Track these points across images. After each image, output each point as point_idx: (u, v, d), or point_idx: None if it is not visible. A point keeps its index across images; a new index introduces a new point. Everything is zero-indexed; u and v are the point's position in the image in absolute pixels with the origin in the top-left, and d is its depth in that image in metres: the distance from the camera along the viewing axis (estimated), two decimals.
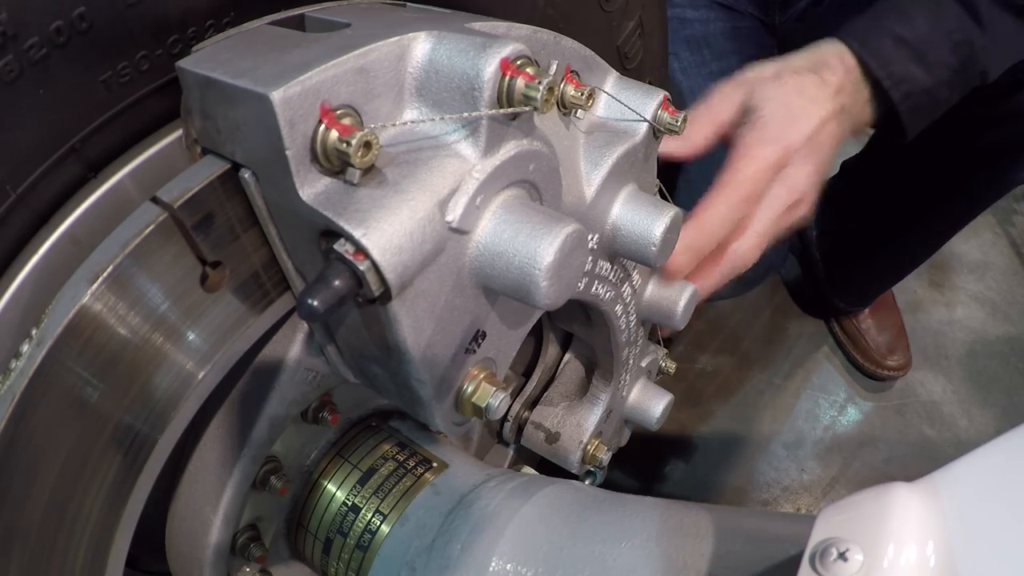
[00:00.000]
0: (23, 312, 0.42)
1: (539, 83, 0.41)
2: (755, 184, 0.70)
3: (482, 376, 0.50)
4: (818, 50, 0.79)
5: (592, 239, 0.59)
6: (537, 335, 0.84)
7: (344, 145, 0.37)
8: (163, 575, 0.59)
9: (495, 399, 0.50)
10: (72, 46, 0.39)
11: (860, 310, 1.60)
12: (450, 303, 0.45)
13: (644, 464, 1.35)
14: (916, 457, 1.42)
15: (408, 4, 0.52)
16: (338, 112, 0.38)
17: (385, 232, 0.38)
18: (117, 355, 0.41)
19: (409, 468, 0.60)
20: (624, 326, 0.72)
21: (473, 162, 0.42)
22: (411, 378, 0.46)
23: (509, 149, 0.44)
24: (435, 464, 0.61)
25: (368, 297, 0.39)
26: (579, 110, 0.52)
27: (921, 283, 1.74)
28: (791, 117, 0.72)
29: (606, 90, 0.58)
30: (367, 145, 0.38)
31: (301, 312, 0.36)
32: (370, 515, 0.58)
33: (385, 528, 0.57)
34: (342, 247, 0.38)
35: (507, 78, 0.41)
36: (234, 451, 0.53)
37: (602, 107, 0.59)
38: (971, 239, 1.82)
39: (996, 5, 0.80)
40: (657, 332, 0.89)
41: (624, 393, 0.84)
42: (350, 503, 0.59)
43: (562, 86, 0.48)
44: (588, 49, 0.55)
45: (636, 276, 0.70)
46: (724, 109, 0.74)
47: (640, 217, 0.59)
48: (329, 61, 0.38)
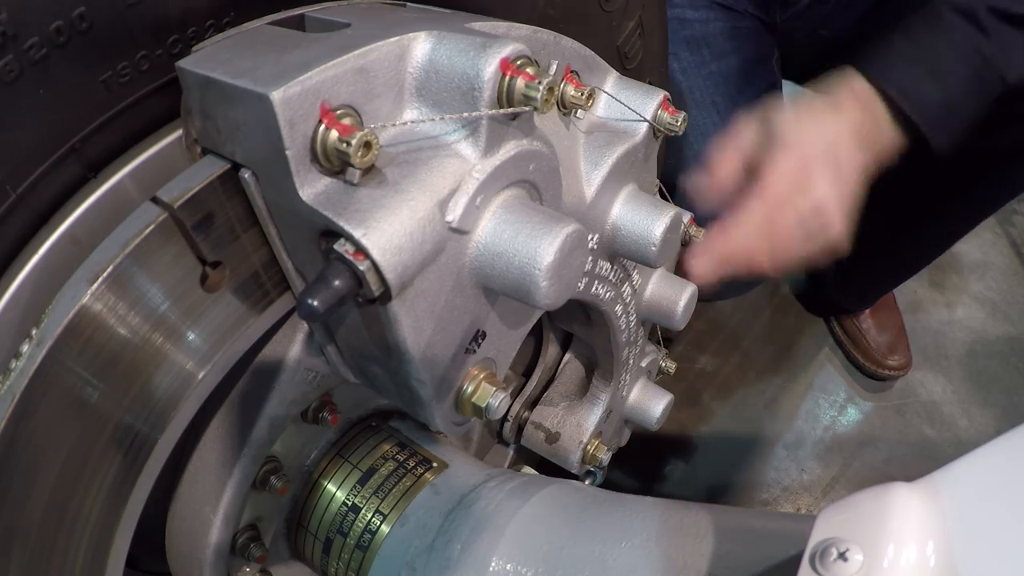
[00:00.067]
0: (23, 312, 0.42)
1: (539, 83, 0.41)
2: (777, 193, 0.72)
3: (482, 376, 0.50)
4: (828, 87, 0.81)
5: (592, 239, 0.59)
6: (537, 335, 0.84)
7: (344, 145, 0.37)
8: (163, 575, 0.59)
9: (495, 399, 0.50)
10: (72, 46, 0.39)
11: (862, 310, 1.59)
12: (450, 303, 0.45)
13: (644, 464, 1.35)
14: (916, 457, 1.41)
15: (408, 4, 0.52)
16: (338, 112, 0.38)
17: (385, 232, 0.38)
18: (117, 355, 0.41)
19: (409, 468, 0.60)
20: (624, 326, 0.72)
21: (473, 162, 0.42)
22: (411, 378, 0.46)
23: (509, 149, 0.44)
24: (435, 464, 0.61)
25: (368, 297, 0.39)
26: (579, 110, 0.52)
27: (921, 283, 1.74)
28: (807, 132, 0.75)
29: (606, 90, 0.58)
30: (367, 145, 0.38)
31: (301, 312, 0.36)
32: (370, 515, 0.58)
33: (385, 528, 0.57)
34: (342, 247, 0.38)
35: (507, 78, 0.41)
36: (234, 451, 0.53)
37: (602, 107, 0.59)
38: (971, 239, 1.82)
39: (994, 15, 0.82)
40: (657, 332, 0.89)
41: (624, 393, 0.84)
42: (350, 503, 0.59)
43: (562, 86, 0.48)
44: (588, 49, 0.55)
45: (636, 276, 0.70)
46: (746, 138, 0.77)
47: (640, 217, 0.59)
48: (329, 61, 0.38)
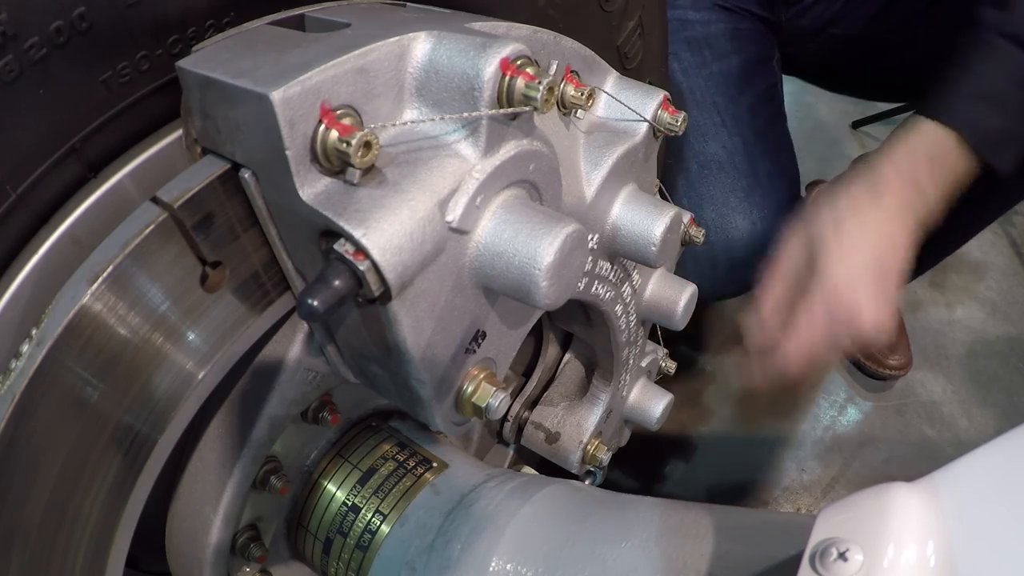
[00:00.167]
0: (23, 312, 0.42)
1: (539, 83, 0.41)
2: (824, 319, 0.74)
3: (482, 376, 0.50)
4: (870, 162, 0.82)
5: (592, 239, 0.59)
6: (537, 335, 0.84)
7: (344, 145, 0.37)
8: (163, 575, 0.59)
9: (495, 399, 0.50)
10: (72, 46, 0.39)
11: None
12: (450, 303, 0.45)
13: (644, 464, 1.35)
14: (916, 457, 1.41)
15: (408, 4, 0.52)
16: (338, 112, 0.38)
17: (385, 232, 0.38)
18: (117, 355, 0.41)
19: (409, 468, 0.60)
20: (624, 326, 0.72)
21: (473, 162, 0.42)
22: (411, 378, 0.46)
23: (509, 149, 0.44)
24: (435, 464, 0.61)
25: (368, 297, 0.39)
26: (579, 110, 0.52)
27: (921, 283, 1.74)
28: (850, 247, 0.76)
29: (606, 90, 0.58)
30: (367, 145, 0.38)
31: (301, 312, 0.36)
32: (370, 515, 0.58)
33: (385, 528, 0.57)
34: (342, 247, 0.38)
35: (507, 78, 0.41)
36: (234, 451, 0.53)
37: (602, 107, 0.59)
38: (971, 239, 1.82)
39: None
40: (658, 331, 0.89)
41: (624, 393, 0.84)
42: (350, 503, 0.59)
43: (562, 86, 0.48)
44: (588, 49, 0.55)
45: (636, 276, 0.70)
46: (790, 264, 0.78)
47: (640, 217, 0.59)
48: (329, 61, 0.38)
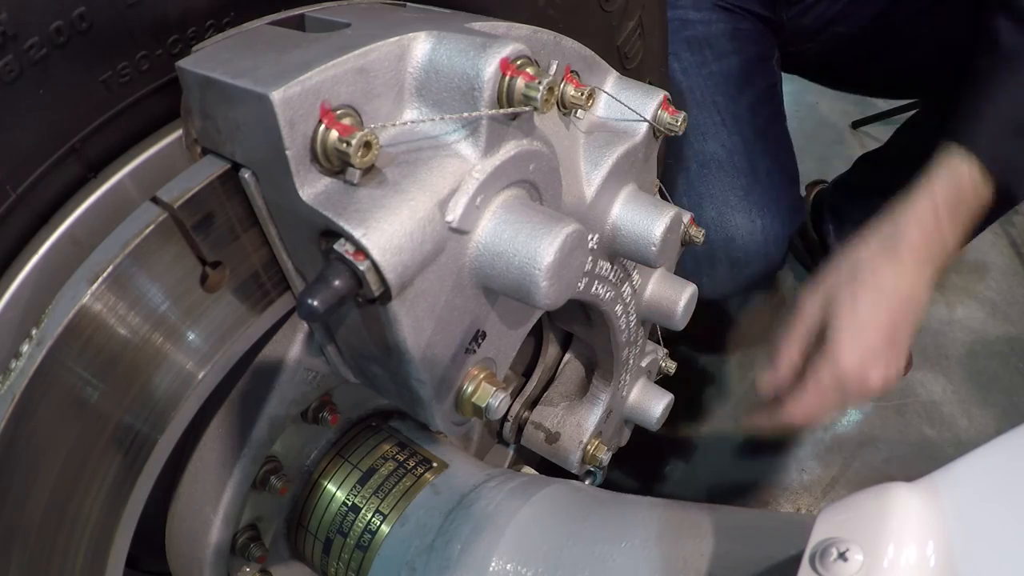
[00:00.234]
0: (23, 312, 0.42)
1: (539, 83, 0.41)
2: (837, 385, 0.76)
3: (482, 376, 0.50)
4: (893, 215, 0.82)
5: (592, 239, 0.59)
6: (537, 335, 0.84)
7: (344, 145, 0.37)
8: (163, 575, 0.59)
9: (495, 399, 0.50)
10: (72, 46, 0.39)
11: None
12: (450, 303, 0.45)
13: (644, 464, 1.35)
14: (916, 457, 1.41)
15: (408, 4, 0.52)
16: (338, 112, 0.38)
17: (385, 232, 0.38)
18: (117, 355, 0.40)
19: (409, 468, 0.60)
20: (624, 326, 0.72)
21: (473, 162, 0.42)
22: (411, 378, 0.46)
23: (509, 149, 0.44)
24: (435, 464, 0.61)
25: (368, 297, 0.39)
26: (579, 110, 0.52)
27: None
28: (865, 316, 0.77)
29: (606, 90, 0.58)
30: (367, 145, 0.38)
31: (301, 312, 0.36)
32: (370, 515, 0.58)
33: (385, 528, 0.57)
34: (342, 247, 0.38)
35: (507, 78, 0.41)
36: (234, 451, 0.53)
37: (602, 107, 0.59)
38: None
39: None
40: (658, 331, 0.89)
41: (624, 393, 0.84)
42: (350, 503, 0.59)
43: (562, 86, 0.48)
44: (588, 49, 0.55)
45: (636, 276, 0.70)
46: (805, 331, 0.80)
47: (640, 217, 0.59)
48: (329, 61, 0.38)
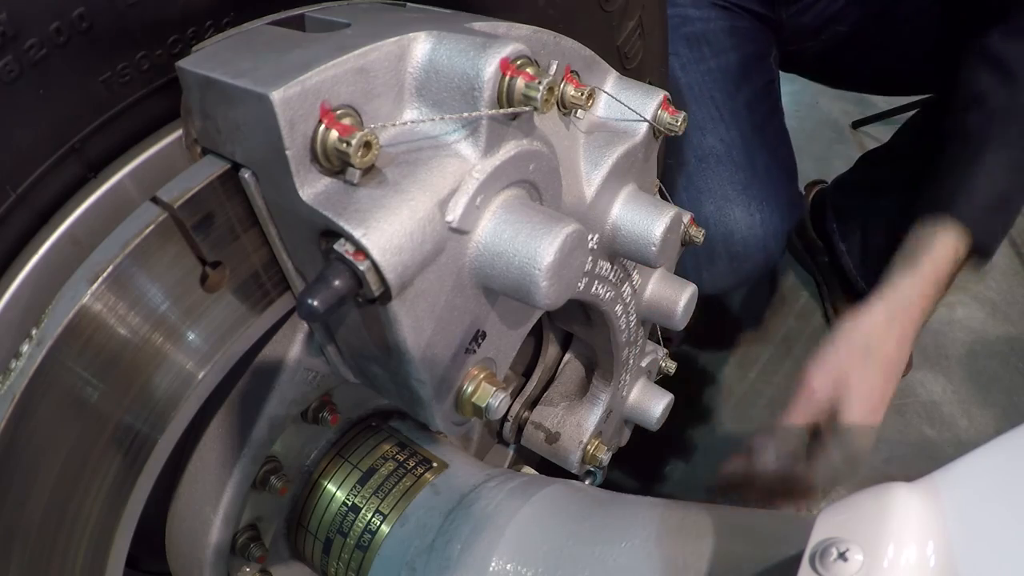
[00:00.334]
0: (23, 312, 0.42)
1: (539, 83, 0.41)
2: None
3: (482, 376, 0.50)
4: (895, 283, 0.87)
5: (592, 239, 0.59)
6: (537, 335, 0.84)
7: (344, 145, 0.37)
8: (163, 575, 0.59)
9: (495, 399, 0.50)
10: (72, 46, 0.39)
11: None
12: (450, 303, 0.45)
13: (644, 464, 1.35)
14: (916, 457, 1.41)
15: (408, 4, 0.52)
16: (338, 112, 0.38)
17: (385, 232, 0.38)
18: (117, 355, 0.40)
19: (409, 468, 0.60)
20: (624, 326, 0.72)
21: (473, 162, 0.42)
22: (411, 378, 0.46)
23: (509, 149, 0.44)
24: (435, 464, 0.61)
25: (368, 297, 0.39)
26: (579, 110, 0.52)
27: None
28: (873, 413, 0.83)
29: (606, 90, 0.58)
30: (367, 145, 0.38)
31: (301, 312, 0.36)
32: (370, 515, 0.58)
33: (385, 528, 0.57)
34: (342, 247, 0.38)
35: (507, 78, 0.41)
36: (234, 451, 0.53)
37: (602, 107, 0.59)
38: None
39: None
40: (658, 331, 0.89)
41: (624, 393, 0.84)
42: (350, 503, 0.59)
43: (562, 86, 0.48)
44: (588, 49, 0.55)
45: (636, 276, 0.70)
46: (812, 406, 0.83)
47: (640, 217, 0.59)
48: (329, 61, 0.38)
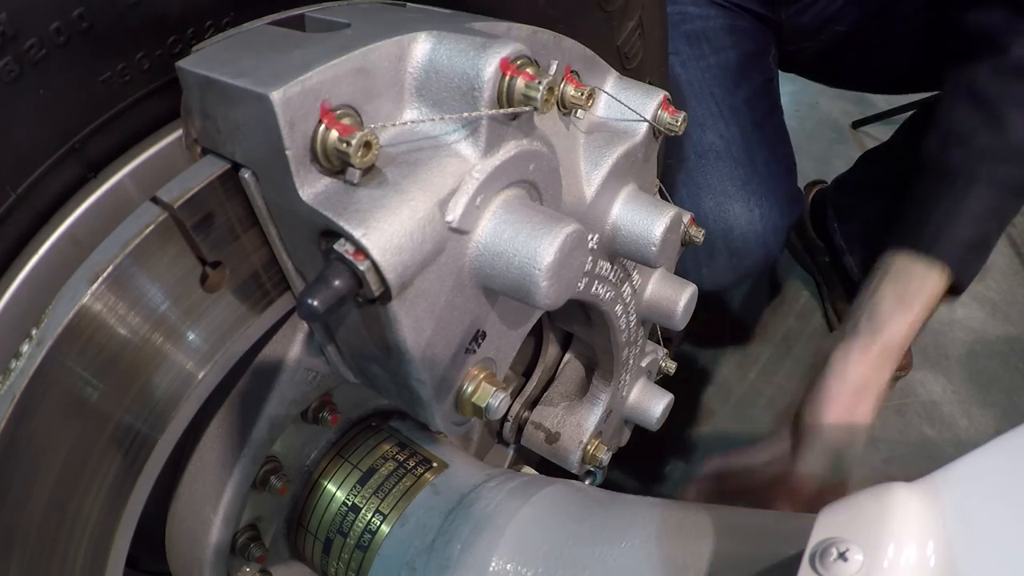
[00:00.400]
0: (23, 312, 0.42)
1: (539, 83, 0.41)
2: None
3: (482, 376, 0.50)
4: (879, 328, 0.87)
5: (592, 239, 0.59)
6: (537, 335, 0.84)
7: (344, 145, 0.37)
8: (163, 575, 0.59)
9: (495, 399, 0.50)
10: (72, 46, 0.39)
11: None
12: (450, 303, 0.45)
13: (644, 464, 1.35)
14: (916, 457, 1.41)
15: (408, 4, 0.52)
16: (338, 112, 0.38)
17: (385, 232, 0.38)
18: (117, 355, 0.40)
19: (409, 468, 0.60)
20: (624, 326, 0.72)
21: (473, 162, 0.42)
22: (411, 378, 0.46)
23: (509, 149, 0.44)
24: (435, 464, 0.61)
25: (368, 297, 0.39)
26: (579, 110, 0.52)
27: None
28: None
29: (606, 90, 0.58)
30: (367, 145, 0.38)
31: (301, 312, 0.36)
32: (370, 515, 0.58)
33: (385, 528, 0.57)
34: (342, 247, 0.38)
35: (507, 78, 0.41)
36: (234, 451, 0.53)
37: (602, 107, 0.59)
38: None
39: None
40: (658, 331, 0.89)
41: (624, 393, 0.84)
42: (350, 503, 0.59)
43: (562, 86, 0.48)
44: (588, 49, 0.55)
45: (636, 276, 0.70)
46: (833, 445, 0.84)
47: (640, 217, 0.59)
48: (329, 61, 0.38)
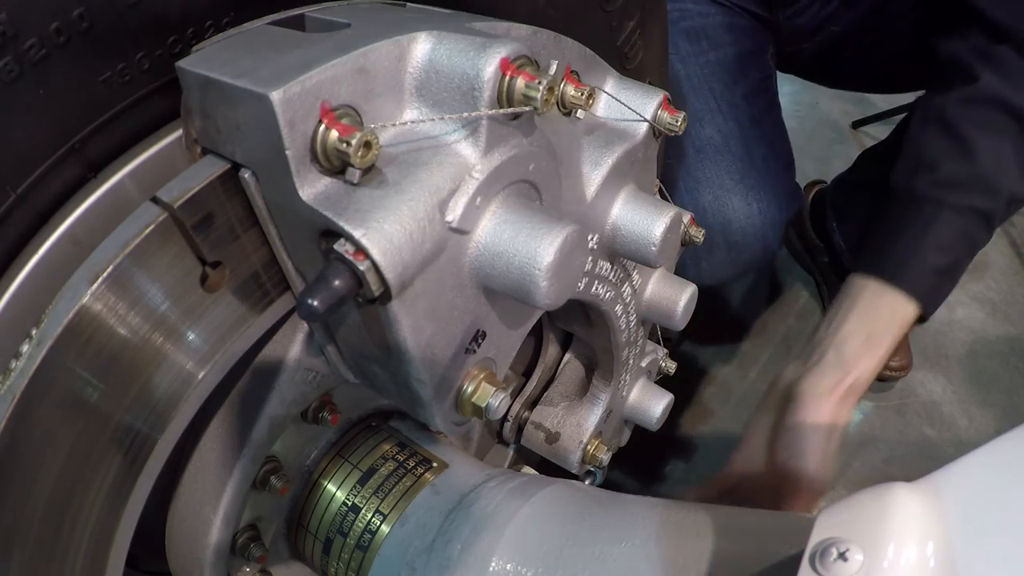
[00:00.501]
0: (23, 312, 0.42)
1: (539, 83, 0.41)
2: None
3: (482, 376, 0.50)
4: (854, 357, 0.87)
5: (592, 239, 0.59)
6: (537, 335, 0.84)
7: (344, 145, 0.37)
8: (163, 575, 0.59)
9: (495, 399, 0.50)
10: (72, 46, 0.39)
11: None
12: (450, 303, 0.45)
13: (644, 464, 1.35)
14: (916, 457, 1.41)
15: (408, 4, 0.52)
16: (338, 112, 0.38)
17: (385, 232, 0.38)
18: (117, 355, 0.40)
19: (409, 468, 0.60)
20: (624, 326, 0.72)
21: (473, 162, 0.42)
22: (411, 378, 0.46)
23: (509, 149, 0.44)
24: (435, 464, 0.61)
25: (368, 297, 0.39)
26: (579, 110, 0.52)
27: None
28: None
29: (606, 90, 0.58)
30: (367, 145, 0.38)
31: (301, 312, 0.36)
32: (370, 515, 0.58)
33: (385, 528, 0.57)
34: (342, 247, 0.38)
35: (507, 78, 0.41)
36: (234, 451, 0.53)
37: (602, 107, 0.59)
38: None
39: (1011, 206, 0.88)
40: (658, 331, 0.89)
41: (624, 393, 0.84)
42: (350, 503, 0.59)
43: (562, 86, 0.48)
44: (588, 49, 0.55)
45: (636, 276, 0.70)
46: (822, 485, 0.84)
47: (640, 217, 0.59)
48: (329, 61, 0.38)
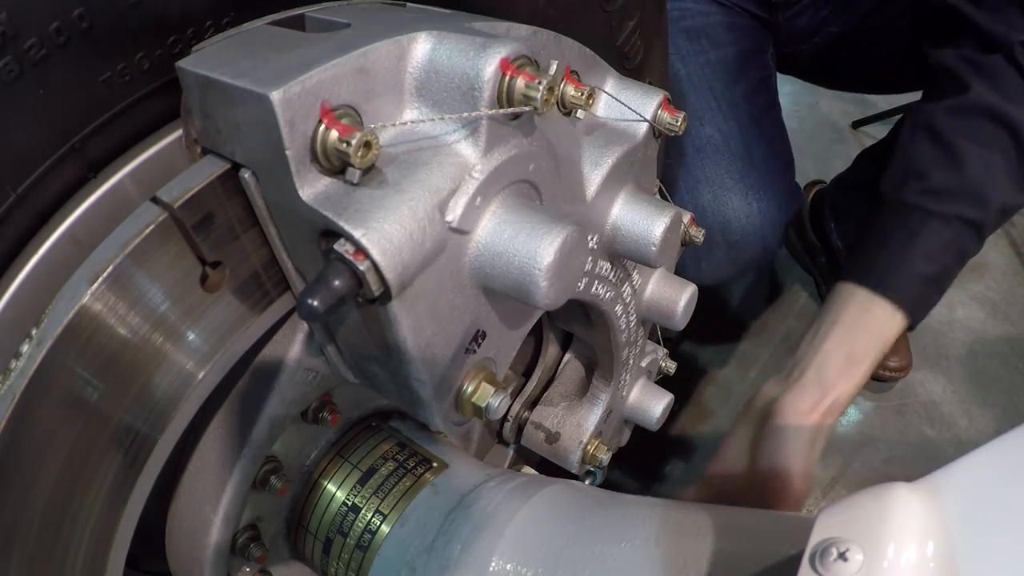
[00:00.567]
0: (23, 312, 0.42)
1: (539, 83, 0.41)
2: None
3: (482, 376, 0.50)
4: (836, 375, 0.86)
5: (592, 239, 0.59)
6: (537, 335, 0.84)
7: (344, 145, 0.37)
8: (163, 575, 0.59)
9: (495, 399, 0.50)
10: (72, 46, 0.39)
11: None
12: (450, 303, 0.45)
13: (644, 464, 1.35)
14: (916, 457, 1.41)
15: (408, 4, 0.52)
16: (338, 112, 0.38)
17: (385, 232, 0.38)
18: (117, 355, 0.40)
19: (409, 468, 0.60)
20: (624, 326, 0.72)
21: (473, 162, 0.42)
22: (411, 378, 0.46)
23: (509, 149, 0.44)
24: (435, 464, 0.61)
25: (368, 297, 0.39)
26: (579, 110, 0.52)
27: None
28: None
29: (606, 90, 0.58)
30: (367, 145, 0.38)
31: (301, 312, 0.36)
32: (370, 515, 0.58)
33: (385, 528, 0.57)
34: (342, 247, 0.38)
35: (507, 78, 0.41)
36: (234, 451, 0.53)
37: (602, 107, 0.59)
38: None
39: (1002, 215, 0.88)
40: (658, 331, 0.89)
41: (624, 393, 0.84)
42: (350, 503, 0.59)
43: (562, 86, 0.48)
44: (588, 49, 0.55)
45: (636, 276, 0.70)
46: (804, 496, 0.83)
47: (640, 217, 0.59)
48: (329, 61, 0.38)
